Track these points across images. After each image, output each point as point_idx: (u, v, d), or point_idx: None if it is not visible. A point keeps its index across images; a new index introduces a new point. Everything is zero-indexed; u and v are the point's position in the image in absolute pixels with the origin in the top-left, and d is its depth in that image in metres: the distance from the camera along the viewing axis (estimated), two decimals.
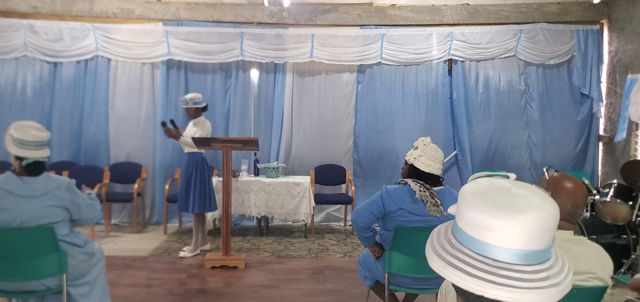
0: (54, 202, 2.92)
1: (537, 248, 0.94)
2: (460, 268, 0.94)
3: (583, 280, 1.89)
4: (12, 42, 6.70)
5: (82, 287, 3.10)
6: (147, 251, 5.68)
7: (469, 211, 0.96)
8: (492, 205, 0.95)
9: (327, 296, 4.37)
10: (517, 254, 0.93)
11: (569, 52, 6.96)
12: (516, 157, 7.07)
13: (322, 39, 6.91)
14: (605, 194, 4.92)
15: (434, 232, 1.08)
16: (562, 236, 1.88)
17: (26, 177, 2.90)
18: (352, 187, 6.80)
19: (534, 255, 0.94)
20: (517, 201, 0.96)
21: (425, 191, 3.00)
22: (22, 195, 2.87)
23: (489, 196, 0.97)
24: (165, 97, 6.92)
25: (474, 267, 0.93)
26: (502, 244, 0.93)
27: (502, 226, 0.93)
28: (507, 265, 0.93)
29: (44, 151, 2.98)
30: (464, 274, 0.94)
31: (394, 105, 7.07)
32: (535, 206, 0.95)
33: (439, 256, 0.99)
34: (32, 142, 2.92)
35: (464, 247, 0.97)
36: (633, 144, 6.43)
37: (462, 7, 6.92)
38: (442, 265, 0.98)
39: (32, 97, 6.83)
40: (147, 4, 6.80)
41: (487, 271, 0.92)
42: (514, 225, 0.92)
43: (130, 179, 6.76)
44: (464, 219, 0.98)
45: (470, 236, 0.96)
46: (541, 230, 0.94)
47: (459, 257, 0.96)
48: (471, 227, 0.96)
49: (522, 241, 0.93)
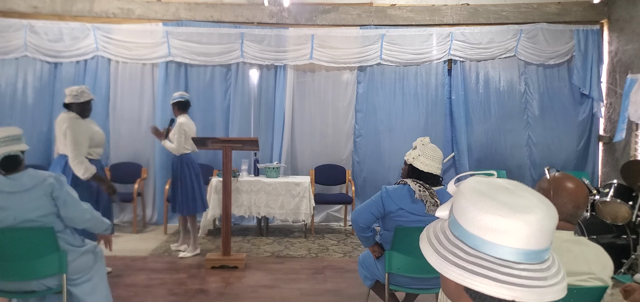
0: (44, 191, 2.92)
1: (540, 248, 0.95)
2: (455, 263, 0.95)
3: (583, 280, 1.89)
4: (12, 42, 6.70)
5: (84, 286, 3.10)
6: (147, 251, 5.68)
7: (476, 212, 0.97)
8: (500, 205, 0.95)
9: (327, 296, 4.37)
10: (522, 253, 0.94)
11: (569, 52, 6.96)
12: (516, 157, 7.06)
13: (322, 40, 6.91)
14: (605, 194, 4.92)
15: (430, 226, 1.08)
16: (562, 236, 1.88)
17: (12, 174, 2.90)
18: (352, 187, 6.80)
19: (537, 254, 0.95)
20: (520, 201, 0.97)
21: (424, 191, 3.00)
22: (11, 191, 2.87)
23: (493, 195, 0.98)
24: (165, 98, 6.91)
25: (470, 262, 0.94)
26: (509, 244, 0.94)
27: (512, 225, 0.93)
28: (502, 261, 0.94)
29: (16, 145, 2.95)
30: (459, 270, 0.95)
31: (394, 105, 7.07)
32: (537, 205, 0.96)
33: (436, 251, 1.00)
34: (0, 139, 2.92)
35: (459, 241, 0.98)
36: (633, 144, 6.43)
37: (462, 7, 6.92)
38: (438, 260, 0.98)
39: (32, 98, 6.83)
40: (147, 4, 6.80)
41: (482, 266, 0.93)
42: (522, 225, 0.93)
43: (130, 179, 6.77)
44: (469, 220, 0.98)
45: (468, 231, 0.97)
46: (545, 230, 0.95)
47: (455, 252, 0.97)
48: (480, 229, 0.96)
49: (527, 240, 0.94)
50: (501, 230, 0.93)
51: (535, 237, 0.94)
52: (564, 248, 1.85)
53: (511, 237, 0.93)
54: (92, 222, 3.13)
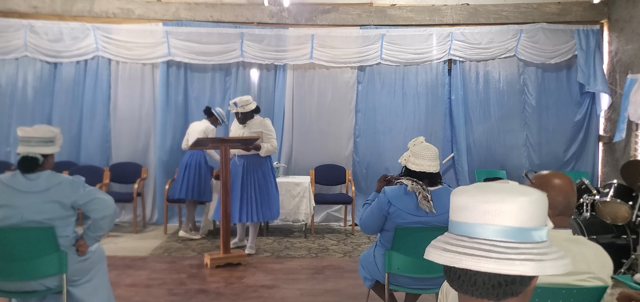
0: (55, 197, 2.91)
1: (530, 226, 0.98)
2: (443, 248, 0.99)
3: (583, 280, 1.89)
4: (12, 42, 6.70)
5: (85, 286, 3.09)
6: (147, 250, 5.68)
7: (461, 198, 1.02)
8: (483, 190, 1.01)
9: (327, 296, 4.37)
10: (510, 231, 0.97)
11: (569, 52, 6.96)
12: (516, 157, 7.06)
13: (322, 40, 6.91)
14: (605, 194, 4.92)
15: None
16: (561, 235, 1.88)
17: (30, 174, 2.91)
18: (352, 187, 6.80)
19: (527, 233, 0.98)
20: (506, 186, 1.03)
21: (417, 185, 3.02)
22: (23, 191, 2.88)
23: (479, 186, 1.05)
24: (165, 97, 6.92)
25: (459, 246, 0.98)
26: (495, 222, 0.98)
27: (494, 206, 0.98)
28: (494, 241, 0.97)
29: (42, 147, 2.96)
30: (444, 252, 0.99)
31: (394, 105, 7.07)
32: (523, 190, 1.02)
33: (431, 246, 1.04)
34: (24, 139, 2.95)
35: (453, 234, 1.03)
36: (633, 144, 6.43)
37: (462, 7, 6.92)
38: (429, 250, 1.02)
39: (32, 98, 6.83)
40: (147, 4, 6.80)
41: (471, 247, 0.97)
42: (506, 204, 0.98)
43: (130, 179, 6.76)
44: (456, 210, 1.03)
45: (459, 221, 1.02)
46: (534, 208, 0.99)
47: (447, 240, 1.01)
48: (462, 213, 1.01)
49: (515, 218, 0.97)
50: (489, 211, 0.98)
51: (525, 216, 0.98)
52: (562, 247, 1.84)
53: (499, 216, 0.97)
54: (113, 217, 3.08)
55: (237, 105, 5.37)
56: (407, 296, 3.50)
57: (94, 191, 3.02)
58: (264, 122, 5.55)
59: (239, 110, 5.38)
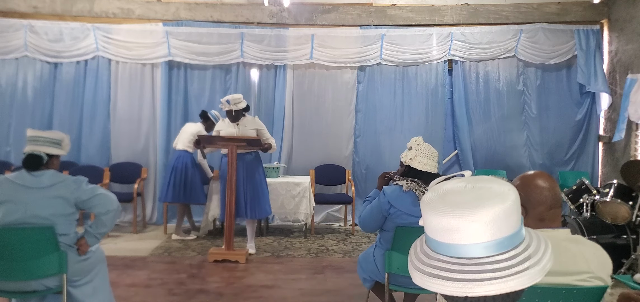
0: (59, 193, 2.95)
1: (506, 235, 0.96)
2: (438, 276, 0.97)
3: (583, 280, 1.89)
4: (12, 43, 6.71)
5: (85, 287, 3.10)
6: (147, 251, 5.68)
7: (433, 217, 0.99)
8: (452, 206, 0.97)
9: (327, 296, 4.37)
10: (488, 246, 0.95)
11: (569, 52, 6.96)
12: (516, 156, 7.07)
13: (322, 40, 6.91)
14: (605, 194, 4.92)
15: (411, 249, 1.10)
16: (560, 235, 1.88)
17: (35, 172, 2.96)
18: (352, 187, 6.80)
19: (505, 242, 0.96)
20: (476, 195, 0.99)
21: (412, 183, 3.02)
22: (28, 186, 2.92)
23: (448, 198, 1.00)
24: (165, 97, 6.92)
25: (451, 270, 0.95)
26: (470, 241, 0.94)
27: (465, 224, 0.95)
28: (482, 259, 0.95)
29: (48, 147, 3.02)
30: (443, 281, 0.96)
31: (394, 105, 7.08)
32: (495, 195, 0.98)
33: (419, 270, 1.01)
34: (32, 138, 3.04)
35: (437, 255, 1.00)
36: (633, 144, 6.43)
37: (462, 7, 6.92)
38: (423, 278, 1.00)
39: (32, 98, 6.83)
40: (147, 4, 6.80)
41: (465, 271, 0.94)
42: (476, 220, 0.94)
43: (130, 179, 6.76)
44: (430, 227, 1.01)
45: (440, 241, 0.99)
46: (505, 216, 0.96)
47: (436, 265, 0.98)
48: (438, 232, 0.98)
49: (489, 232, 0.95)
50: (462, 229, 0.95)
51: (498, 227, 0.95)
52: (562, 247, 1.85)
53: (473, 235, 0.94)
54: (116, 212, 3.10)
55: (229, 103, 5.37)
56: (405, 296, 3.50)
57: (96, 187, 3.09)
58: (256, 120, 5.56)
59: (232, 107, 5.38)
